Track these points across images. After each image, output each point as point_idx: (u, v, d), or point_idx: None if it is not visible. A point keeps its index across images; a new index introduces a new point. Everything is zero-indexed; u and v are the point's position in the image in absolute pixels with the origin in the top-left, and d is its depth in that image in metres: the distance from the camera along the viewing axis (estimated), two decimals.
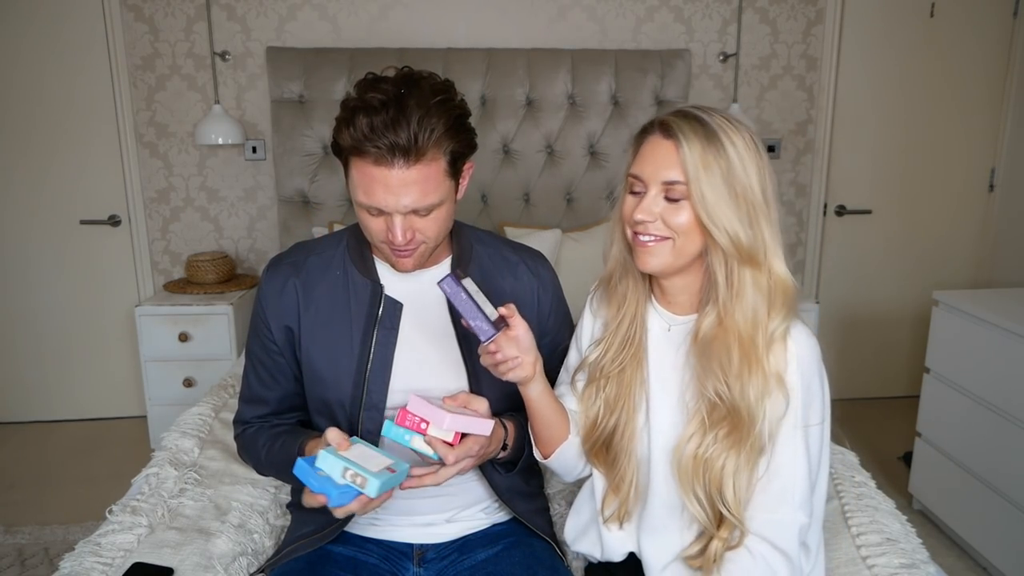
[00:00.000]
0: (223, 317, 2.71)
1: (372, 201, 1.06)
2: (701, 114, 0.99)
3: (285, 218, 2.83)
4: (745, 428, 0.99)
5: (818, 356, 1.03)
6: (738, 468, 0.99)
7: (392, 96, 1.03)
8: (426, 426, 1.01)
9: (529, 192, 2.86)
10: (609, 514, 1.14)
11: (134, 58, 2.84)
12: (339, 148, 1.08)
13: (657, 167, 0.99)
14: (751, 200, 0.97)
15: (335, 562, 1.18)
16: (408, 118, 1.01)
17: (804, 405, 1.01)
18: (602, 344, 1.13)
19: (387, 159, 1.02)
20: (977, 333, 2.12)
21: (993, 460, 2.09)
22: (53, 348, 3.09)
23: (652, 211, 0.99)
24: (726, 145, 0.96)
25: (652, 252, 1.01)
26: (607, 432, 1.12)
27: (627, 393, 1.10)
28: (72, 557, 1.24)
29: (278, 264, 1.24)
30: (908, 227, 3.18)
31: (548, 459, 1.16)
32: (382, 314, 1.19)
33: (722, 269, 0.99)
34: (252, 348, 1.26)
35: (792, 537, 1.01)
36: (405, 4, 2.86)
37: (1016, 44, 3.00)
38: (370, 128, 1.01)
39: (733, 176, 0.96)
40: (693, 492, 1.02)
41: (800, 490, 1.01)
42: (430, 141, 1.03)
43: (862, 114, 3.07)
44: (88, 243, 3.01)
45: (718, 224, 0.96)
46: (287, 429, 1.25)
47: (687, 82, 2.84)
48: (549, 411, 1.11)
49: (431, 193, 1.06)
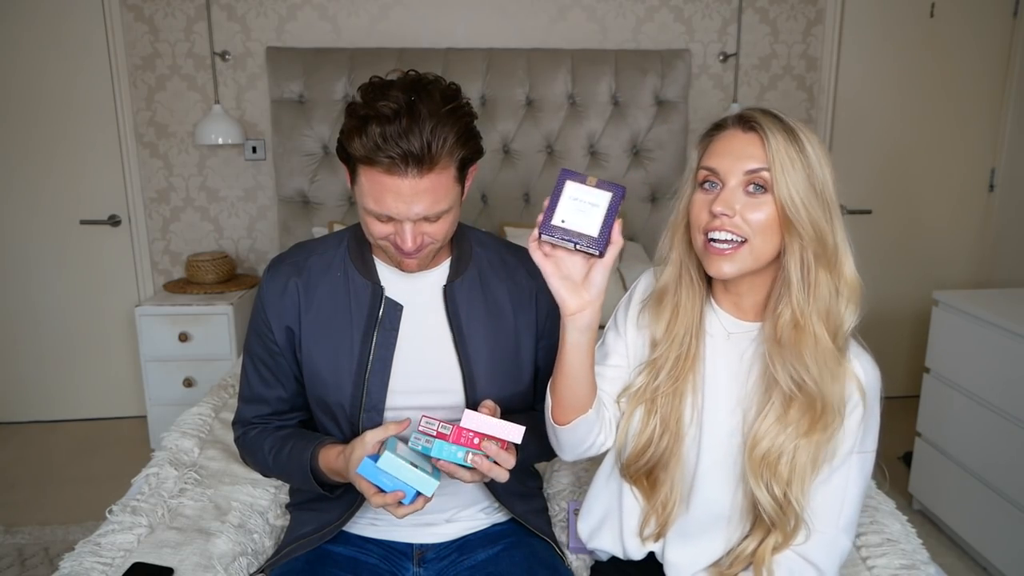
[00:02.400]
0: (223, 317, 2.71)
1: (383, 209, 1.05)
2: (778, 112, 0.98)
3: (285, 218, 2.83)
4: (821, 417, 0.97)
5: (880, 384, 1.02)
6: (807, 462, 0.98)
7: (404, 104, 1.01)
8: (479, 441, 1.03)
9: (529, 192, 2.86)
10: (649, 533, 1.11)
11: (134, 58, 2.84)
12: (347, 155, 1.07)
13: (737, 157, 0.95)
14: (828, 198, 0.95)
15: (335, 562, 1.18)
16: (421, 127, 1.00)
17: (864, 430, 1.00)
18: (652, 368, 1.07)
19: (400, 168, 1.01)
20: (977, 333, 2.12)
21: (993, 460, 2.09)
22: (53, 348, 3.09)
23: (731, 205, 0.94)
24: (804, 142, 0.94)
25: (729, 258, 0.96)
26: (657, 455, 1.07)
27: (678, 411, 1.06)
28: (72, 557, 1.24)
29: (279, 264, 1.24)
30: (908, 227, 3.18)
31: (563, 427, 1.06)
32: (382, 315, 1.19)
33: (798, 268, 0.95)
34: (253, 348, 1.25)
35: (833, 557, 1.02)
36: (405, 4, 2.86)
37: (1016, 44, 3.00)
38: (383, 138, 1.00)
39: (812, 172, 0.94)
40: (766, 486, 0.99)
41: (847, 514, 1.01)
42: (443, 150, 1.02)
43: (862, 114, 3.07)
44: (88, 243, 3.01)
45: (802, 216, 0.93)
46: (292, 432, 1.25)
47: (687, 82, 2.84)
48: (585, 369, 1.00)
49: (442, 200, 1.06)
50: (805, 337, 0.96)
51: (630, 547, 1.14)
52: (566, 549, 1.33)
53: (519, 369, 1.24)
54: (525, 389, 1.26)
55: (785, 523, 1.00)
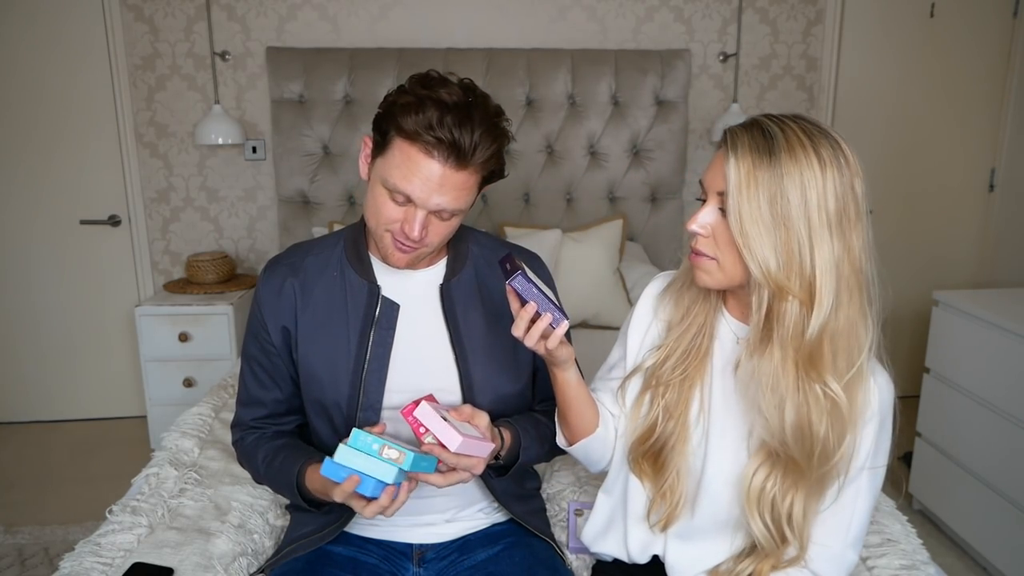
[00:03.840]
0: (223, 317, 2.71)
1: (407, 187, 1.06)
2: (771, 125, 0.91)
3: (285, 218, 2.83)
4: (804, 468, 0.95)
5: (894, 401, 1.01)
6: (808, 505, 0.98)
7: (462, 100, 1.06)
8: (424, 431, 1.01)
9: (529, 192, 2.86)
10: (656, 520, 1.11)
11: (134, 58, 2.84)
12: (391, 128, 1.06)
13: (715, 176, 0.95)
14: (806, 223, 0.88)
15: (335, 562, 1.18)
16: (474, 126, 1.05)
17: (876, 446, 1.00)
18: (662, 350, 1.08)
19: (442, 154, 1.04)
20: (977, 333, 2.12)
21: (993, 460, 2.09)
22: (53, 348, 3.09)
23: (705, 222, 0.95)
24: (784, 164, 0.88)
25: (704, 269, 0.97)
26: (662, 440, 1.07)
27: (686, 403, 1.06)
28: (72, 557, 1.24)
29: (276, 265, 1.24)
30: (908, 227, 3.18)
31: (571, 447, 1.15)
32: (379, 315, 1.19)
33: (756, 296, 0.92)
34: (249, 350, 1.26)
35: (840, 572, 1.02)
36: (405, 4, 2.86)
37: (1016, 44, 3.00)
38: (439, 121, 1.03)
39: (784, 198, 0.88)
40: (760, 518, 0.99)
41: (856, 529, 1.01)
42: (482, 155, 1.06)
43: (862, 114, 3.07)
44: (88, 243, 3.01)
45: (750, 249, 0.89)
46: (285, 444, 1.24)
47: (687, 82, 2.84)
48: (580, 399, 1.09)
49: (461, 201, 1.09)
50: (768, 373, 0.93)
51: (633, 548, 1.14)
52: (566, 549, 1.33)
53: (517, 368, 1.24)
54: (523, 388, 1.26)
55: (781, 553, 1.01)
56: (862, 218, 0.91)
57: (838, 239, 0.89)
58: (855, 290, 0.92)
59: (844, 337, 0.93)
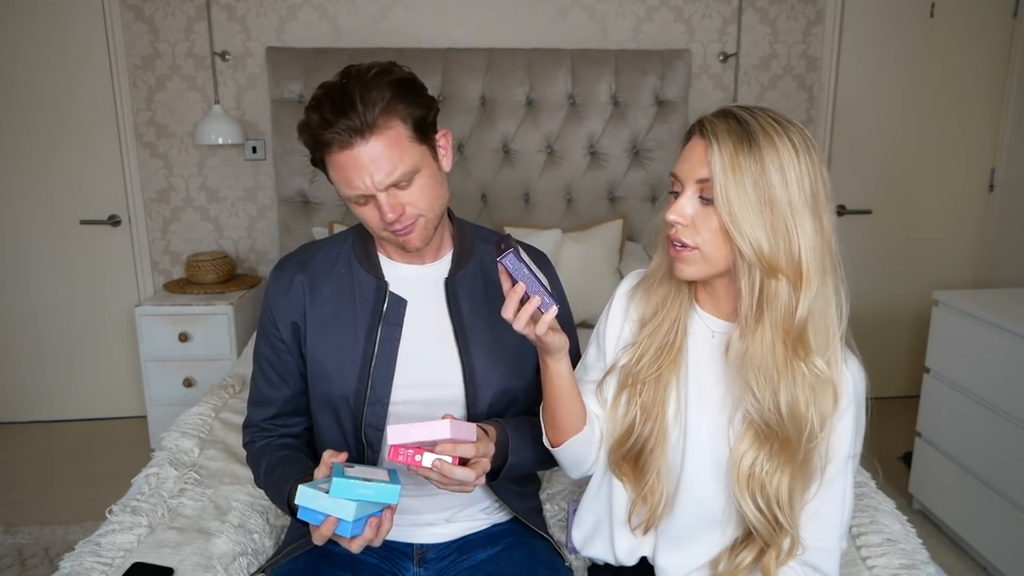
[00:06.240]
0: (223, 317, 2.71)
1: (353, 189, 1.08)
2: (743, 114, 0.94)
3: (285, 218, 2.83)
4: (794, 446, 0.96)
5: (866, 386, 1.02)
6: (794, 485, 0.98)
7: (335, 86, 1.08)
8: (420, 458, 1.00)
9: (529, 192, 2.86)
10: (637, 523, 1.11)
11: (134, 58, 2.84)
12: (312, 155, 1.12)
13: (693, 165, 0.95)
14: (791, 209, 0.91)
15: (335, 562, 1.18)
16: (351, 98, 1.05)
17: (855, 435, 1.01)
18: (635, 348, 1.08)
19: (347, 141, 1.05)
20: (977, 333, 2.12)
21: (993, 460, 2.09)
22: (53, 348, 3.09)
23: (685, 212, 0.95)
24: (764, 148, 0.91)
25: (685, 261, 0.97)
26: (641, 441, 1.07)
27: (663, 402, 1.06)
28: (72, 557, 1.24)
29: (285, 263, 1.26)
30: (908, 227, 3.18)
31: (558, 448, 1.12)
32: (387, 310, 1.20)
33: (747, 279, 0.94)
34: (260, 349, 1.27)
35: (834, 563, 1.03)
36: (405, 4, 2.86)
37: (1016, 44, 3.00)
38: (321, 120, 1.06)
39: (768, 183, 0.90)
40: (753, 502, 0.99)
41: (844, 519, 1.03)
42: (378, 110, 1.05)
43: (862, 114, 3.07)
44: (88, 243, 3.01)
45: (742, 230, 0.91)
46: (287, 456, 1.23)
47: (687, 82, 2.84)
48: (570, 394, 1.08)
49: (399, 161, 1.07)
50: (760, 353, 0.95)
51: (620, 552, 1.14)
52: (565, 549, 1.33)
53: (521, 363, 1.24)
54: (527, 385, 1.26)
55: (779, 541, 1.01)
56: (830, 201, 0.96)
57: (815, 220, 0.93)
58: (829, 270, 0.95)
59: (822, 317, 0.95)
